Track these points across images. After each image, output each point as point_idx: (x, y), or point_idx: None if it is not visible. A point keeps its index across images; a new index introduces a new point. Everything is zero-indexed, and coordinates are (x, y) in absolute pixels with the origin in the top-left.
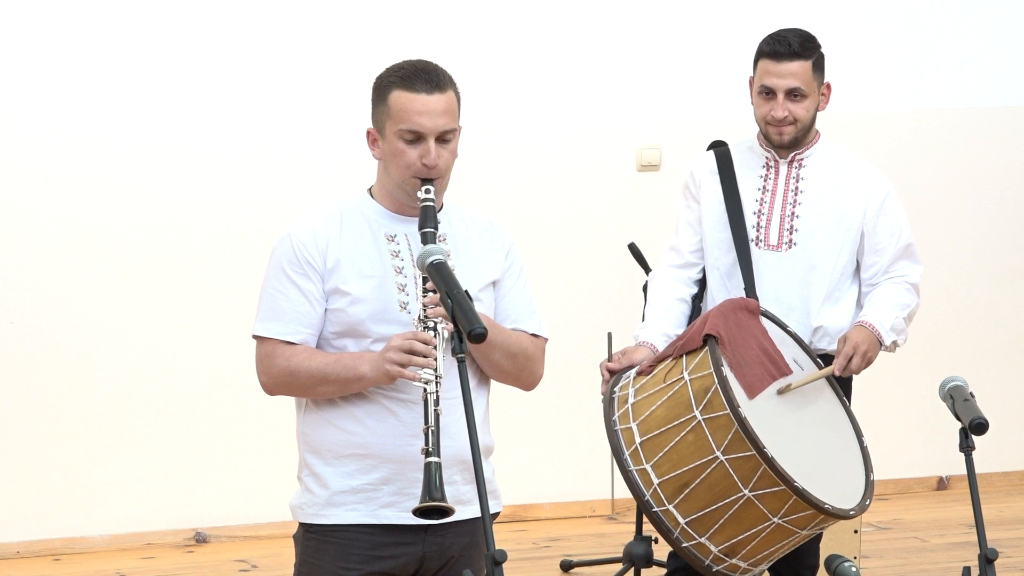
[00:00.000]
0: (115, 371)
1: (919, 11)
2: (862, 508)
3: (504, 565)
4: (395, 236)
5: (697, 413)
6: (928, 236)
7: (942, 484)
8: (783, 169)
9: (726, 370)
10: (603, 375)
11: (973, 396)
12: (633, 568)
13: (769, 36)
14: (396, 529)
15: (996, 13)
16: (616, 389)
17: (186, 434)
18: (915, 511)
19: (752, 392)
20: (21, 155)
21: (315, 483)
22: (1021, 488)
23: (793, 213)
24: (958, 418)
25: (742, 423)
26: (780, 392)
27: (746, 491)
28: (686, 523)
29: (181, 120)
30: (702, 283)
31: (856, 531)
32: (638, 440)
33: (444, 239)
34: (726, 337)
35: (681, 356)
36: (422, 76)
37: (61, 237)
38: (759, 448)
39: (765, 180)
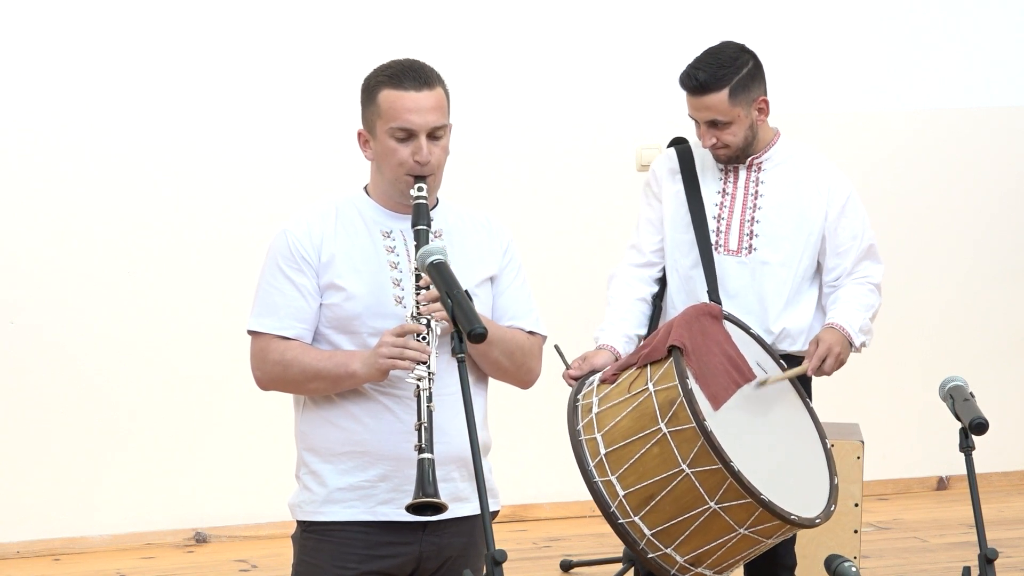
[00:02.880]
0: (114, 371)
1: (919, 11)
2: (827, 515)
3: (504, 565)
4: (391, 232)
5: (663, 426)
6: (928, 236)
7: (942, 484)
8: (742, 173)
9: (691, 382)
10: (569, 384)
11: (973, 396)
12: (633, 568)
13: (688, 65)
14: (393, 527)
15: (996, 13)
16: (579, 397)
17: (186, 434)
18: (915, 511)
19: (717, 402)
20: (19, 156)
21: (313, 481)
22: (1021, 488)
23: (753, 218)
24: (958, 418)
25: (708, 437)
26: (760, 385)
27: (712, 503)
28: (652, 534)
29: (179, 121)
30: (662, 281)
31: (856, 531)
32: (603, 451)
33: (439, 235)
34: (691, 347)
35: (645, 366)
36: (410, 74)
37: (61, 237)
38: (725, 462)
39: (724, 183)
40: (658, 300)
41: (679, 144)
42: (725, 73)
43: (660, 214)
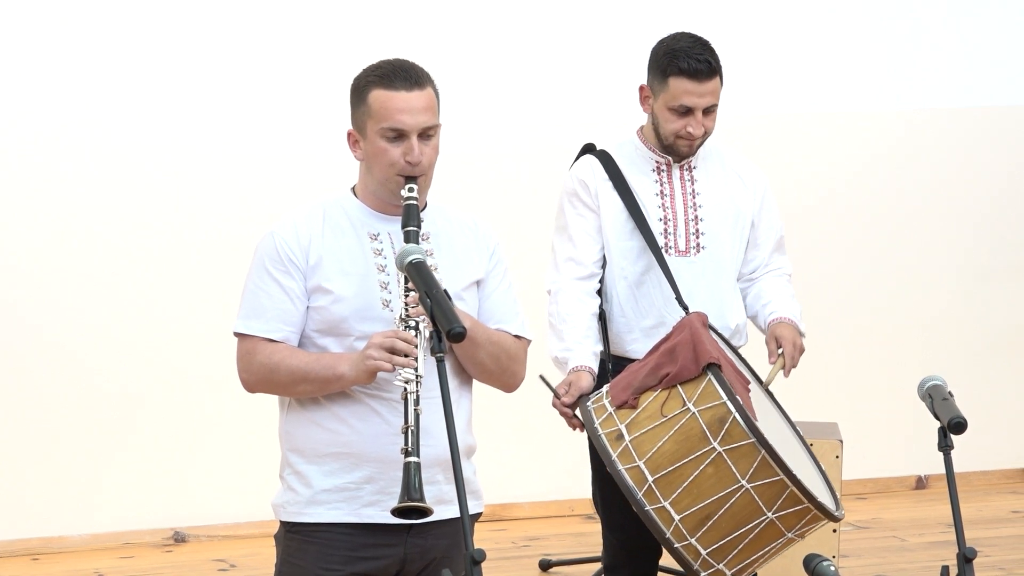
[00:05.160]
0: (93, 370)
1: (915, 11)
2: (840, 504)
3: (483, 564)
4: (378, 235)
5: (716, 444)
6: (909, 235)
7: (921, 483)
8: (676, 172)
9: (740, 398)
10: (565, 413)
11: (952, 395)
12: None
13: (678, 52)
14: (378, 529)
15: (993, 13)
16: (598, 427)
17: (165, 433)
18: (894, 510)
19: (753, 414)
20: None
21: (298, 481)
22: (999, 487)
23: (697, 217)
24: (937, 417)
25: (770, 450)
26: (767, 383)
27: (769, 514)
28: (707, 554)
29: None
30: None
31: (835, 530)
32: (650, 478)
33: (427, 238)
34: (723, 362)
35: (674, 387)
36: (400, 74)
37: (41, 233)
38: (788, 472)
39: (661, 185)
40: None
41: (592, 151)
42: (718, 57)
43: (596, 224)
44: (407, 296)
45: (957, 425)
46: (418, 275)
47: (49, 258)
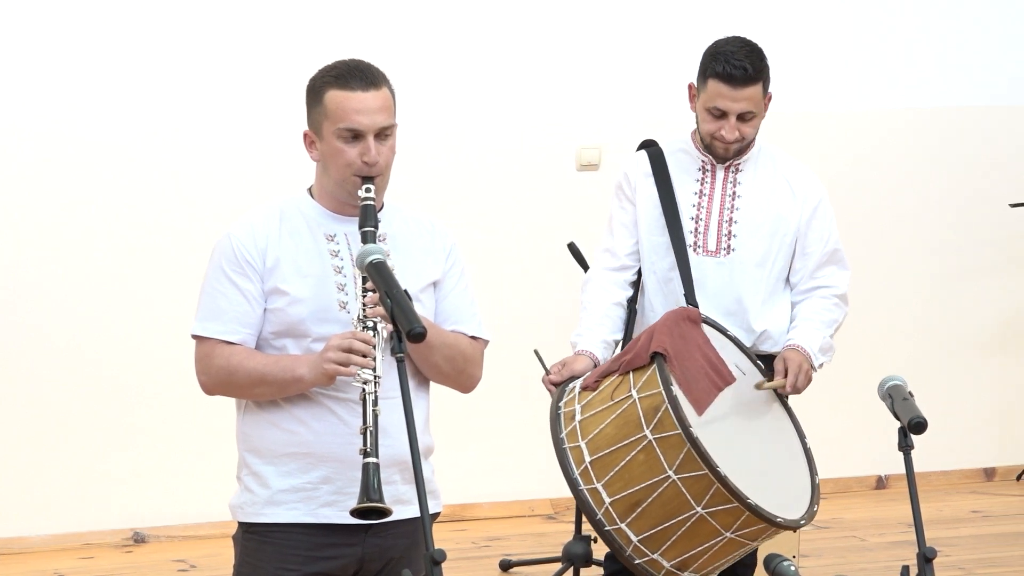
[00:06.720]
0: (52, 371)
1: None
2: (811, 515)
3: (443, 565)
4: (335, 236)
5: (648, 432)
6: (872, 237)
7: (881, 483)
8: (720, 173)
9: (675, 389)
10: (550, 390)
11: (912, 395)
12: (572, 568)
13: (719, 55)
14: (335, 529)
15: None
16: (561, 405)
17: (124, 434)
18: (854, 510)
19: (700, 407)
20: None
21: (255, 482)
22: (959, 487)
23: (731, 219)
24: (897, 417)
25: (694, 443)
26: (757, 387)
27: (699, 508)
28: (639, 540)
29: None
30: (636, 285)
31: (795, 530)
32: (588, 459)
33: (384, 239)
34: (673, 353)
35: (628, 373)
36: (356, 74)
37: (14, 234)
38: (712, 467)
39: (702, 184)
40: (632, 304)
41: (648, 147)
42: (764, 64)
43: (634, 217)
44: (364, 297)
45: (917, 425)
46: (379, 275)
47: (15, 257)
